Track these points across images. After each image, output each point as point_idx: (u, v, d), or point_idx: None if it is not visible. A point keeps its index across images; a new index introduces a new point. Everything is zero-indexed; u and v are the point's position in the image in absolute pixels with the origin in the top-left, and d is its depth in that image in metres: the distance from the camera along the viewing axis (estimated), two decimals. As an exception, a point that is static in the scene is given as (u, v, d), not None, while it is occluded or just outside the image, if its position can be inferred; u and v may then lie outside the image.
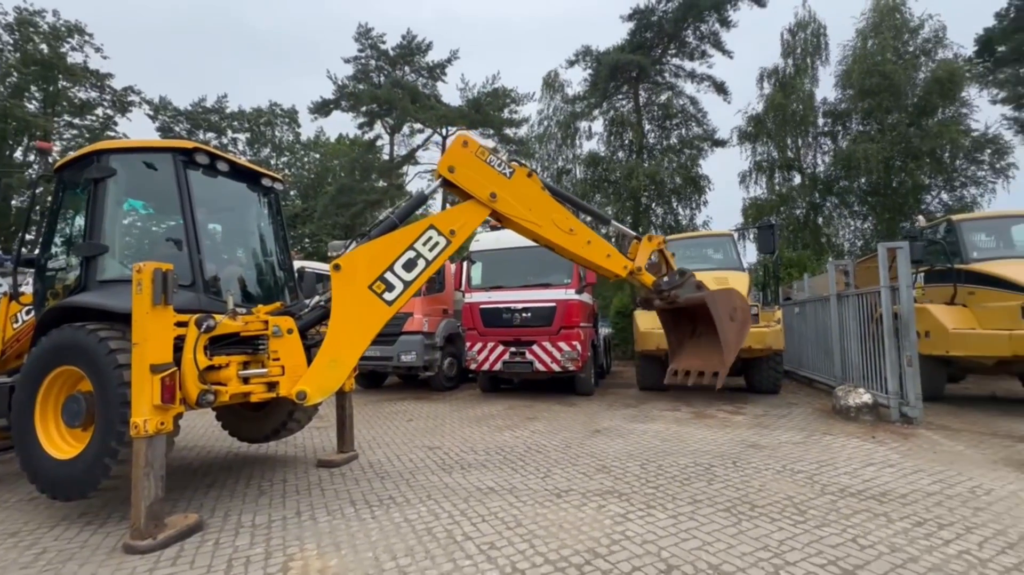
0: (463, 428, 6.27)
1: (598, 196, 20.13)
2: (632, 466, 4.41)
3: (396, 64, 25.82)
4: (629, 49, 19.81)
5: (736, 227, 12.94)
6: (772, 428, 5.85)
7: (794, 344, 10.14)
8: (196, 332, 3.24)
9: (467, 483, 4.05)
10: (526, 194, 4.17)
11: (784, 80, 18.94)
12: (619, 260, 4.56)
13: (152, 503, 2.96)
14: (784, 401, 7.77)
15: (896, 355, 6.05)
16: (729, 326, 4.39)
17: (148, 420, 2.94)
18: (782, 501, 3.47)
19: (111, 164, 3.81)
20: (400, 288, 3.67)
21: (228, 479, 4.34)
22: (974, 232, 7.81)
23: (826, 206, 19.37)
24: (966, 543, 2.77)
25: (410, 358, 9.03)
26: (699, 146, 20.05)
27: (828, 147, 19.35)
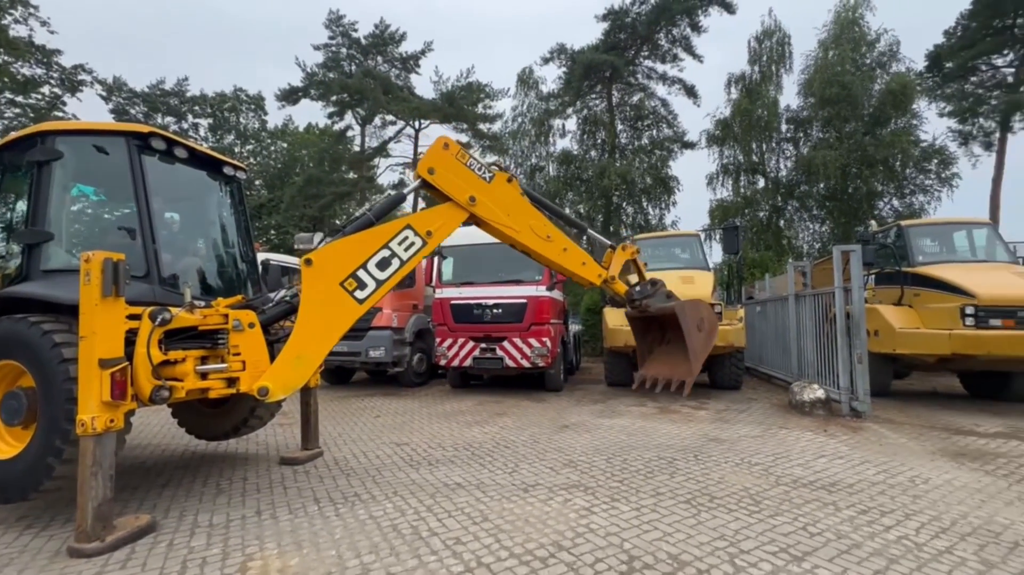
0: (431, 424, 6.24)
1: (570, 194, 20.34)
2: (598, 460, 4.49)
3: (368, 53, 25.26)
4: (603, 49, 20.03)
5: (703, 228, 13.39)
6: (732, 423, 6.07)
7: (755, 342, 10.52)
8: (150, 326, 3.10)
9: (434, 479, 4.04)
10: (505, 199, 4.17)
11: (750, 86, 19.56)
12: (594, 268, 4.62)
13: (100, 504, 2.82)
14: (744, 397, 8.07)
15: (848, 353, 6.36)
16: (696, 336, 4.51)
17: (96, 417, 2.79)
18: (739, 492, 3.61)
19: (57, 147, 3.58)
20: (372, 287, 3.62)
21: (184, 478, 4.18)
22: (921, 237, 8.30)
23: (787, 209, 20.15)
24: (905, 529, 2.95)
25: (379, 354, 8.90)
26: (669, 147, 20.51)
27: (790, 153, 20.13)
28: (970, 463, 4.30)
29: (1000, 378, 7.31)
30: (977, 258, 7.87)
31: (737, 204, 19.96)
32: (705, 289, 8.03)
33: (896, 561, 2.56)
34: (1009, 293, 6.41)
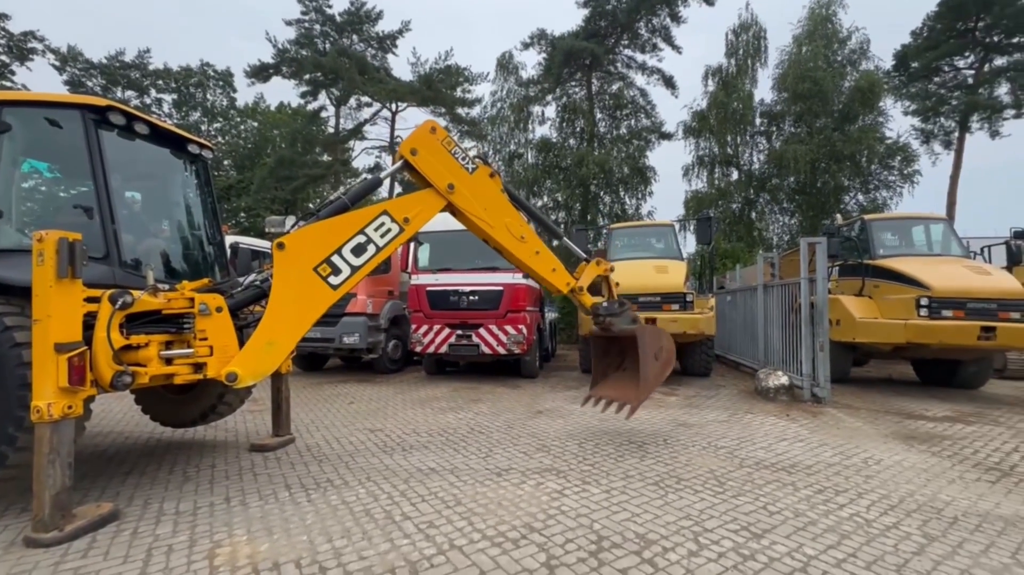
0: (406, 410, 6.23)
1: (548, 182, 20.32)
2: (571, 445, 4.58)
3: (343, 31, 24.44)
4: (583, 36, 19.91)
5: (678, 218, 13.57)
6: (701, 408, 6.26)
7: (725, 330, 10.83)
8: (110, 309, 2.98)
9: (408, 464, 4.05)
10: (484, 193, 4.13)
11: (727, 79, 19.81)
12: (563, 276, 4.55)
13: (58, 492, 2.73)
14: (714, 383, 8.32)
15: (811, 341, 6.62)
16: (652, 364, 4.44)
17: (53, 404, 2.68)
18: (705, 474, 3.75)
19: (4, 118, 3.36)
20: (347, 273, 3.55)
21: (149, 466, 4.07)
22: (882, 231, 8.64)
23: (759, 202, 20.65)
24: (857, 507, 3.13)
25: (353, 340, 8.79)
26: (647, 138, 20.66)
27: (763, 146, 20.58)
28: (919, 445, 4.57)
29: (949, 366, 7.74)
30: (933, 252, 8.26)
31: (711, 195, 20.35)
32: (678, 278, 8.20)
33: (848, 536, 2.72)
34: (960, 285, 6.76)
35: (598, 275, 4.94)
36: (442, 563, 2.45)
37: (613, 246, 9.94)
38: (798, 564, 2.43)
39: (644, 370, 4.38)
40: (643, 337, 4.46)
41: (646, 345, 4.43)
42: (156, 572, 2.39)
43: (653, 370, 4.46)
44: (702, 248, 11.93)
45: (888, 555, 2.52)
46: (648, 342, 4.46)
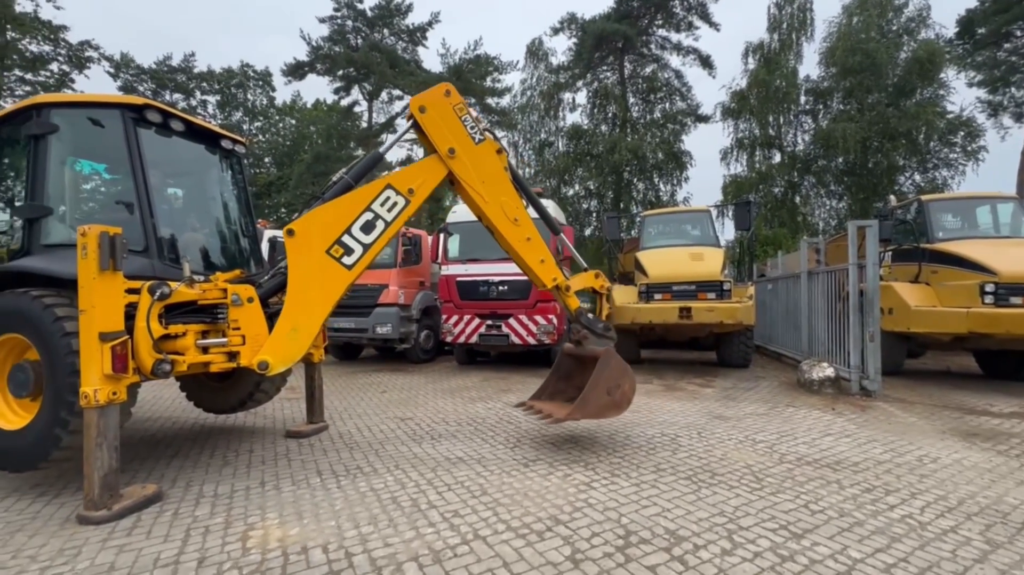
0: (436, 400, 6.28)
1: (580, 170, 19.98)
2: (600, 436, 4.49)
3: (374, 26, 24.70)
4: (615, 18, 19.37)
5: (715, 204, 13.03)
6: (738, 400, 6.02)
7: (766, 320, 10.38)
8: (149, 299, 3.10)
9: (436, 453, 4.07)
10: (485, 166, 3.98)
11: (769, 56, 18.82)
12: (551, 270, 4.22)
13: (106, 474, 2.88)
14: (752, 375, 7.99)
15: (860, 331, 6.23)
16: (599, 393, 3.91)
17: (99, 390, 2.82)
18: (741, 469, 3.58)
19: (53, 119, 3.54)
20: (360, 252, 3.54)
21: (192, 450, 4.26)
22: (942, 212, 8.00)
23: (804, 185, 19.63)
24: (909, 508, 2.90)
25: (385, 330, 8.95)
26: (682, 121, 19.98)
27: (809, 126, 19.51)
28: (981, 443, 4.21)
29: (1018, 357, 7.12)
30: (1001, 234, 7.58)
31: (751, 179, 19.48)
32: (715, 266, 7.89)
33: (899, 539, 2.52)
34: (1032, 270, 6.17)
35: (593, 287, 4.64)
36: (465, 553, 2.43)
37: (646, 234, 9.67)
38: (842, 568, 2.27)
39: (588, 394, 3.88)
40: (607, 364, 3.99)
41: (605, 374, 3.95)
42: (193, 551, 2.49)
43: (597, 400, 3.89)
44: (741, 234, 11.44)
45: (945, 561, 2.32)
46: (609, 373, 3.96)
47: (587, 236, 19.76)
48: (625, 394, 4.06)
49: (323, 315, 3.45)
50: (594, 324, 4.37)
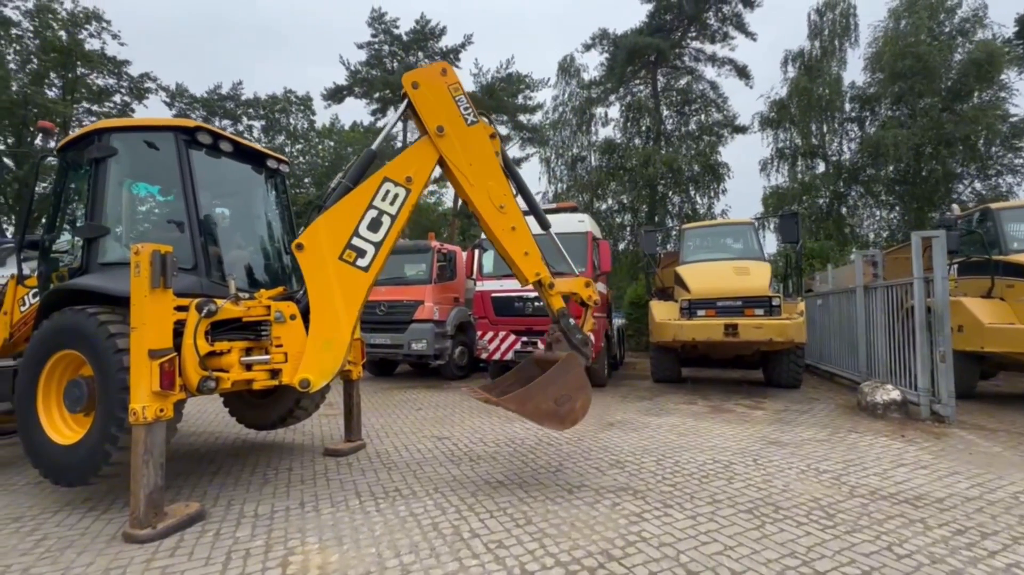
0: (473, 418, 6.16)
1: (613, 184, 19.76)
2: (647, 461, 4.24)
3: (410, 49, 25.51)
4: (647, 32, 19.27)
5: (756, 216, 12.49)
6: (794, 424, 5.62)
7: (815, 337, 9.81)
8: (196, 317, 3.13)
9: (476, 475, 3.93)
10: (475, 148, 3.82)
11: (810, 63, 18.24)
12: (535, 264, 3.94)
13: (152, 492, 2.88)
14: (805, 396, 7.50)
15: (928, 350, 5.74)
16: (544, 397, 3.57)
17: (147, 407, 2.84)
18: (808, 503, 3.27)
19: (112, 143, 3.70)
20: (372, 251, 3.47)
21: (234, 466, 4.28)
22: (1014, 221, 7.38)
23: (851, 195, 18.72)
24: (1015, 555, 2.55)
25: (420, 346, 8.93)
26: (719, 132, 19.52)
27: (855, 134, 18.67)
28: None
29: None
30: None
31: (794, 191, 18.75)
32: (761, 280, 7.51)
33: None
34: None
35: (580, 297, 4.29)
36: (513, 590, 2.27)
37: (686, 247, 9.35)
38: (946, 627, 1.98)
39: (533, 390, 3.57)
40: (565, 371, 3.66)
41: (559, 380, 3.62)
42: (233, 577, 2.43)
43: (540, 402, 3.55)
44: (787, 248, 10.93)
45: (1072, 625, 1.99)
46: (564, 380, 3.63)
47: (621, 251, 19.44)
48: (574, 411, 3.65)
49: (351, 322, 3.39)
50: (573, 332, 4.05)
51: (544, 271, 4.00)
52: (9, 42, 19.59)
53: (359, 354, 4.81)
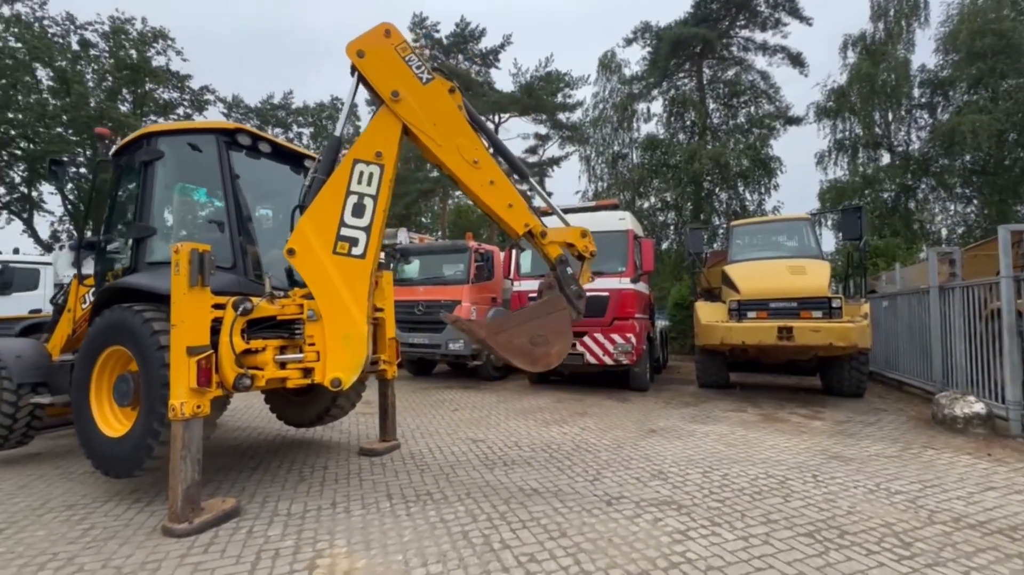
0: (509, 421, 6.03)
1: (656, 181, 19.13)
2: (692, 473, 3.96)
3: (450, 53, 25.80)
4: (692, 23, 18.53)
5: (812, 212, 11.60)
6: (858, 437, 5.13)
7: (880, 342, 9.03)
8: (233, 314, 3.16)
9: (509, 482, 3.79)
10: (436, 106, 3.62)
11: (873, 47, 16.94)
12: (521, 214, 3.69)
13: (189, 487, 2.92)
14: (870, 406, 6.88)
15: (1018, 358, 5.09)
16: (520, 332, 3.45)
17: (185, 403, 2.89)
18: (879, 528, 2.92)
19: (159, 146, 3.83)
20: (364, 237, 3.40)
21: (272, 462, 4.34)
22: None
23: (920, 188, 17.24)
24: None
25: (458, 346, 8.90)
26: (770, 125, 18.47)
27: (924, 121, 17.18)
28: None
29: None
30: None
31: (855, 184, 17.47)
32: (819, 280, 6.96)
33: None
34: None
35: (576, 248, 3.82)
36: (544, 611, 2.10)
37: (735, 245, 8.83)
38: None
39: (510, 323, 3.46)
40: (547, 311, 3.52)
41: (539, 319, 3.47)
42: (261, 578, 2.40)
43: (515, 337, 3.40)
44: (848, 245, 10.15)
45: None
46: (545, 322, 3.48)
47: (664, 250, 18.79)
48: (548, 355, 3.45)
49: (363, 312, 3.33)
50: (568, 282, 3.72)
51: (533, 220, 3.75)
52: (88, 62, 21.32)
53: (394, 353, 4.79)
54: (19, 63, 18.81)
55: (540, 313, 3.53)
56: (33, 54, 19.01)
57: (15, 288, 11.19)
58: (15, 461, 4.43)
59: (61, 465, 4.32)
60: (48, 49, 19.34)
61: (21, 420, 4.05)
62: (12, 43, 18.72)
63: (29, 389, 4.07)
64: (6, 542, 2.82)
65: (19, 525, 3.06)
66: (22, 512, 3.26)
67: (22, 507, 3.35)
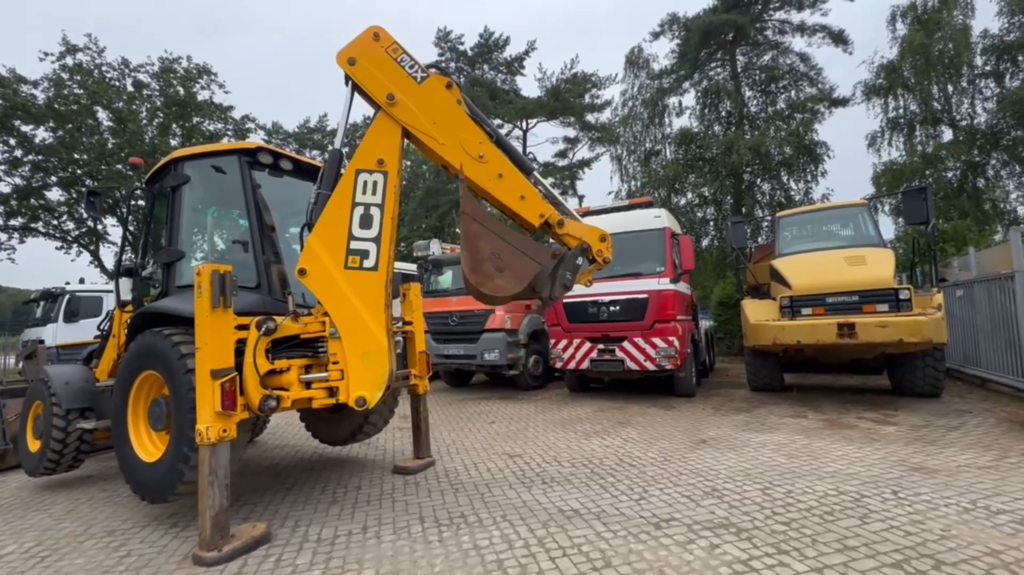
0: (547, 433, 5.77)
1: (692, 176, 18.40)
2: (751, 490, 3.58)
3: (475, 63, 25.99)
4: (722, 10, 17.82)
5: (867, 197, 10.67)
6: (941, 445, 4.55)
7: (956, 335, 8.16)
8: (256, 335, 3.11)
9: (548, 502, 3.54)
10: (434, 105, 3.47)
11: (925, 16, 15.70)
12: (535, 205, 3.51)
13: (217, 513, 2.86)
14: (950, 408, 6.17)
15: None
16: (487, 242, 3.24)
17: (211, 427, 2.83)
18: (983, 557, 2.48)
19: (185, 171, 3.88)
20: (374, 248, 3.29)
21: (307, 483, 4.28)
22: None
23: (990, 164, 15.74)
24: None
25: (493, 356, 8.73)
26: (813, 108, 17.40)
27: (991, 91, 15.71)
28: None
29: None
30: None
31: (914, 165, 16.14)
32: (883, 271, 6.34)
33: None
34: None
35: (590, 249, 3.56)
36: (587, 661, 1.85)
37: (782, 238, 8.25)
38: None
39: (489, 226, 3.27)
40: (528, 254, 3.31)
41: (511, 244, 3.28)
42: (284, 615, 2.26)
43: (483, 244, 3.22)
44: (912, 231, 9.30)
45: None
46: (515, 250, 3.28)
47: (704, 247, 18.02)
48: (487, 277, 3.18)
49: (381, 326, 3.21)
50: (568, 267, 3.43)
51: (548, 209, 3.56)
52: (142, 102, 22.85)
53: (425, 367, 4.66)
54: (82, 107, 20.36)
55: (521, 245, 3.34)
56: (93, 98, 20.53)
57: (81, 315, 11.97)
58: (68, 484, 4.58)
59: (108, 488, 4.42)
60: (107, 92, 20.84)
61: (71, 445, 4.16)
62: (76, 90, 20.30)
63: (77, 414, 4.19)
64: (45, 571, 2.84)
65: (60, 552, 3.09)
66: (65, 538, 3.31)
67: (67, 533, 3.41)
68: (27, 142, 19.81)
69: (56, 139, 20.22)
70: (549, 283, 3.38)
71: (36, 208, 21.09)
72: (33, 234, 21.56)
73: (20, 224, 21.09)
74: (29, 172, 20.31)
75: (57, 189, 21.13)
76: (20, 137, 19.60)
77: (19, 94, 18.81)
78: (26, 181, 20.31)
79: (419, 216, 25.01)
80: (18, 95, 18.75)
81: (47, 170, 20.65)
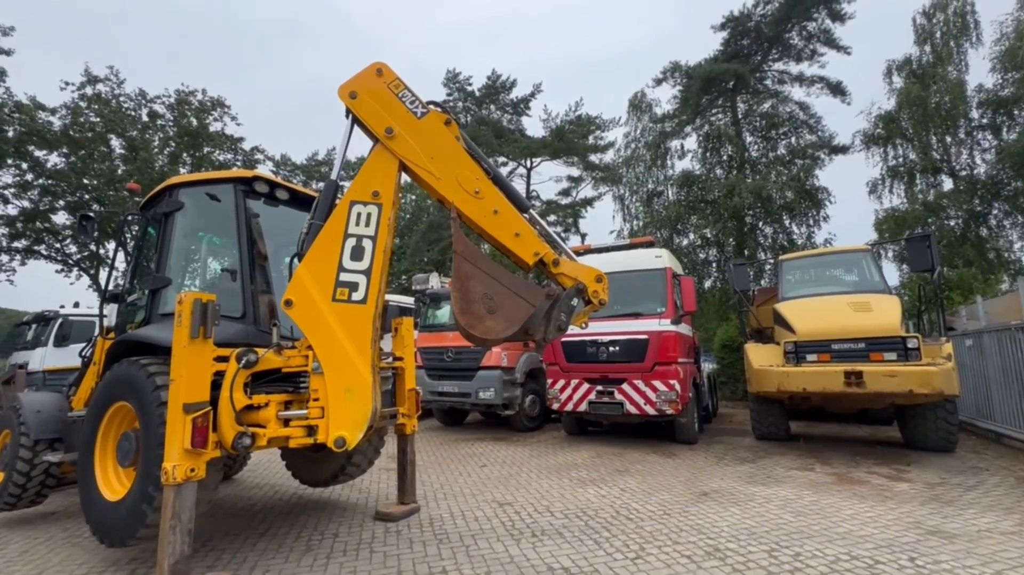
0: (541, 479, 5.49)
1: (694, 218, 18.52)
2: (756, 552, 3.31)
3: (482, 104, 26.79)
4: (723, 59, 18.44)
5: (870, 243, 10.65)
6: (959, 505, 4.28)
7: (968, 387, 7.91)
8: (235, 367, 2.96)
9: (536, 558, 3.28)
10: (432, 140, 3.46)
11: (920, 70, 16.19)
12: (530, 243, 3.46)
13: (177, 561, 2.64)
14: (965, 464, 5.87)
15: None
16: (479, 282, 3.18)
17: (177, 466, 2.66)
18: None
19: (180, 198, 3.84)
20: (364, 281, 3.19)
21: (281, 527, 4.01)
22: None
23: (992, 214, 15.82)
24: None
25: (488, 395, 8.48)
26: (813, 155, 17.69)
27: (989, 143, 15.98)
28: None
29: None
30: None
31: (916, 213, 16.24)
32: (889, 318, 6.18)
33: None
34: None
35: (586, 289, 3.44)
36: None
37: (785, 281, 8.15)
38: None
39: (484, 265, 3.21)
40: (522, 295, 3.22)
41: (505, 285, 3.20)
42: None
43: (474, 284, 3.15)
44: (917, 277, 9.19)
45: None
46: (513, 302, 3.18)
47: (707, 288, 17.92)
48: (479, 319, 3.08)
49: (367, 363, 3.07)
50: (564, 309, 3.30)
51: (544, 248, 3.48)
52: (155, 131, 23.50)
53: (414, 406, 4.46)
54: (97, 135, 20.91)
55: (515, 286, 3.24)
56: (109, 127, 21.12)
57: (72, 340, 11.78)
58: (28, 521, 4.33)
59: (70, 527, 4.16)
60: (122, 121, 21.47)
61: (36, 478, 3.95)
62: (92, 118, 20.91)
63: (46, 445, 4.00)
64: (-18, 623, 2.59)
65: (4, 601, 2.84)
66: (13, 584, 3.06)
67: (16, 578, 3.16)
68: (38, 166, 20.22)
69: (68, 164, 20.66)
70: (543, 325, 3.26)
71: (41, 231, 21.30)
72: (35, 256, 21.69)
73: (23, 246, 21.25)
74: (37, 195, 20.65)
75: (63, 213, 21.39)
76: (32, 161, 20.03)
77: (36, 120, 19.34)
78: (34, 204, 20.62)
79: (421, 249, 25.16)
80: (35, 121, 19.28)
81: (55, 194, 20.99)
